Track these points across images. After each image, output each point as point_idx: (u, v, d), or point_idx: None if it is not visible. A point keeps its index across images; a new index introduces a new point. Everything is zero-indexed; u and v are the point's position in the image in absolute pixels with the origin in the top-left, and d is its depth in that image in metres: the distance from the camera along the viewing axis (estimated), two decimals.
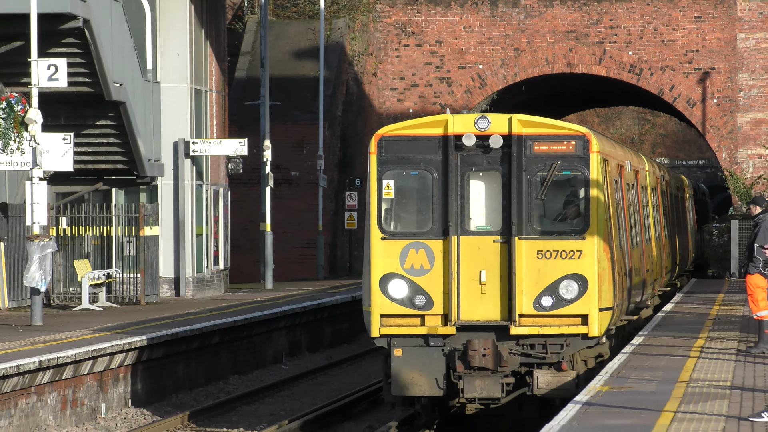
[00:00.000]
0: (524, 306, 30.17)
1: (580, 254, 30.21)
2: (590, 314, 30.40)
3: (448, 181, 29.43)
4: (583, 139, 30.36)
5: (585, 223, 30.33)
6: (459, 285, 30.09)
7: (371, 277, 30.30)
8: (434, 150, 29.81)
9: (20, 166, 61.55)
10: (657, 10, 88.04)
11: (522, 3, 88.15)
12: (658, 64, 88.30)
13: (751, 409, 27.62)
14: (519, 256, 30.03)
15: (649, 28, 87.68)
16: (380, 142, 30.81)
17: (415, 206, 30.58)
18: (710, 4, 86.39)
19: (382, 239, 30.31)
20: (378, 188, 30.18)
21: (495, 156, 29.48)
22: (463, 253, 29.88)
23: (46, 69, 61.80)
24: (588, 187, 29.70)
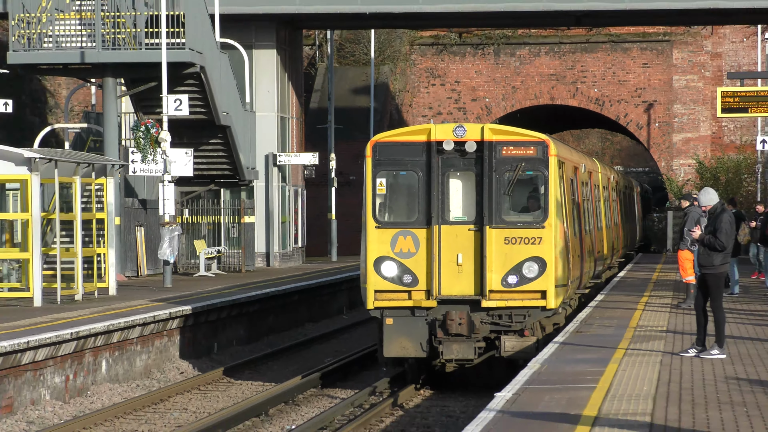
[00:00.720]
0: (493, 283, 30.42)
1: (540, 240, 30.45)
2: (548, 290, 30.87)
3: (430, 179, 29.63)
4: (543, 145, 30.77)
5: (544, 214, 30.48)
6: (440, 266, 30.38)
7: (367, 259, 30.81)
8: (419, 153, 30.00)
9: (155, 172, 62.66)
10: (615, 59, 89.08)
11: (517, 54, 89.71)
12: (615, 98, 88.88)
13: (681, 346, 32.97)
14: (489, 242, 30.29)
15: (609, 72, 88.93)
16: (374, 147, 30.92)
17: (404, 200, 30.84)
18: (654, 54, 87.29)
19: (376, 228, 30.63)
20: (372, 186, 30.35)
21: (470, 159, 29.67)
22: (443, 239, 30.16)
23: (173, 102, 62.98)
24: (547, 185, 29.76)
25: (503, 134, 30.80)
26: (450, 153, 29.86)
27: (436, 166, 30.07)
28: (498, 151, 29.93)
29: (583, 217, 44.96)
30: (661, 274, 66.95)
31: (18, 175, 45.95)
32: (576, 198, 40.96)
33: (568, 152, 40.96)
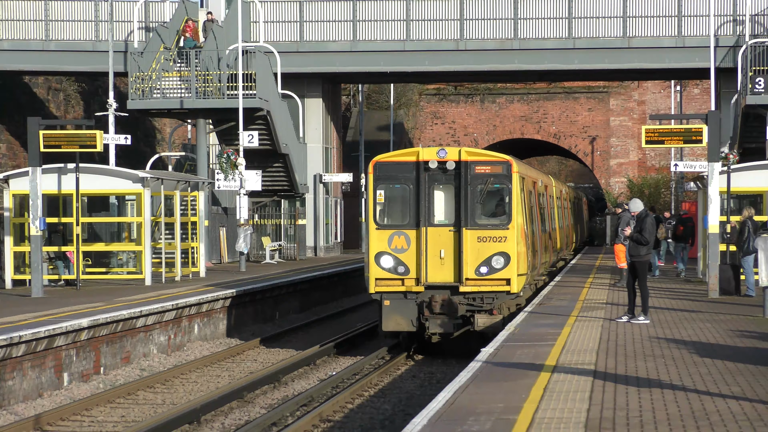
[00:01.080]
0: (469, 273, 30.47)
1: (505, 239, 30.45)
2: (512, 278, 30.94)
3: (419, 191, 29.85)
4: (507, 164, 30.92)
5: (508, 218, 30.58)
6: (426, 259, 30.38)
7: (369, 254, 31.08)
8: (410, 171, 30.07)
9: (233, 188, 63.10)
10: (568, 105, 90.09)
11: (497, 101, 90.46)
12: (568, 133, 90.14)
13: (616, 314, 33.43)
14: (465, 241, 30.43)
15: (564, 114, 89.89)
16: (375, 166, 31.09)
17: (398, 208, 30.93)
18: (596, 101, 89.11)
19: (376, 229, 30.70)
20: (374, 196, 30.50)
21: (450, 174, 29.86)
22: (429, 238, 30.19)
23: (247, 137, 63.53)
24: (510, 195, 30.06)
25: (476, 155, 31.58)
26: (434, 170, 30.17)
27: (423, 180, 30.27)
28: (472, 168, 30.45)
29: (540, 220, 44.67)
30: (601, 262, 66.99)
31: (134, 189, 46.47)
32: (534, 205, 40.70)
33: (528, 170, 41.13)
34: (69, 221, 44.57)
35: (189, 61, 62.05)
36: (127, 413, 26.80)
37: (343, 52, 62.26)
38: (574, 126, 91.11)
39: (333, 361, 35.72)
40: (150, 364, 36.24)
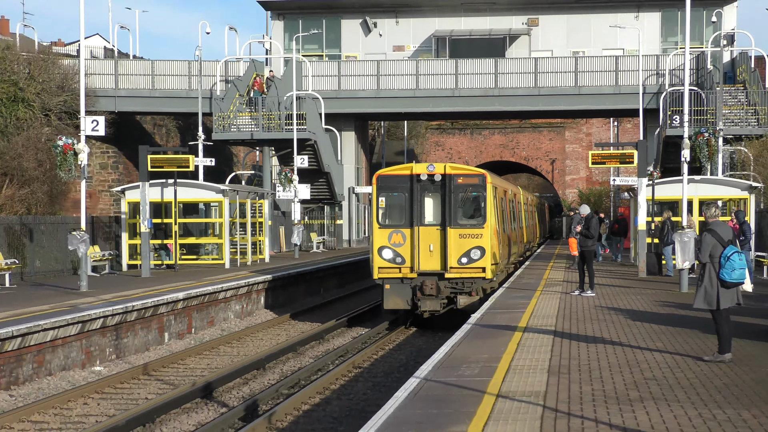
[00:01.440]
0: (452, 262, 29.01)
1: (481, 236, 29.03)
2: (486, 267, 29.25)
3: (412, 198, 28.66)
4: (482, 176, 30.00)
5: (483, 219, 29.31)
6: (419, 252, 29.09)
7: (373, 248, 29.62)
8: (405, 182, 28.89)
9: (289, 197, 60.39)
10: (534, 136, 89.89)
11: (482, 133, 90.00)
12: (535, 157, 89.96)
13: (570, 290, 32.65)
14: (449, 237, 29.11)
15: (531, 143, 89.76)
16: (377, 178, 29.93)
17: (396, 211, 29.47)
18: (555, 133, 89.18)
19: (379, 228, 29.33)
20: (376, 202, 29.28)
21: (437, 185, 28.77)
22: (420, 235, 28.92)
23: (299, 159, 60.63)
24: (485, 201, 29.10)
25: (458, 170, 30.48)
26: (425, 182, 29.06)
27: (416, 189, 29.02)
28: (454, 180, 29.44)
29: (511, 220, 42.44)
30: (559, 251, 65.58)
31: (217, 198, 46.99)
32: (506, 208, 38.79)
33: (500, 181, 39.21)
34: (169, 221, 45.53)
35: (257, 106, 62.48)
36: (211, 362, 27.63)
37: (369, 98, 62.67)
38: (539, 151, 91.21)
39: (359, 326, 35.03)
40: (228, 326, 35.61)
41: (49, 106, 59.57)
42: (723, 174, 45.94)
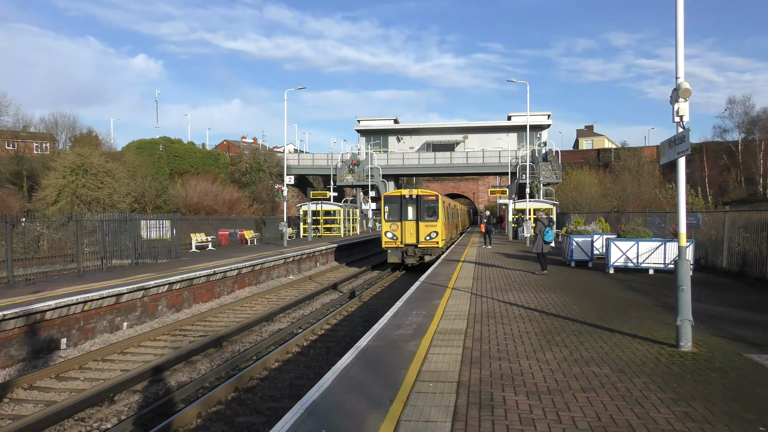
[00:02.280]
0: (422, 239, 28.59)
1: (436, 225, 28.67)
2: (439, 242, 28.84)
3: (401, 206, 28.70)
4: (437, 196, 29.23)
5: (437, 218, 28.77)
6: (405, 233, 28.76)
7: (382, 231, 29.00)
8: (399, 199, 28.96)
9: (366, 208, 66.40)
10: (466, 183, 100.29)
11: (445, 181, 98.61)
12: (466, 190, 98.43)
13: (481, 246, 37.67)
14: (420, 226, 28.66)
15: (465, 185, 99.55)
16: (384, 197, 29.59)
17: (394, 213, 29.00)
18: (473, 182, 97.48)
19: (385, 221, 29.02)
20: (383, 208, 29.25)
21: (414, 200, 28.78)
22: (406, 225, 28.64)
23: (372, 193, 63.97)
24: (437, 208, 28.86)
25: (424, 192, 29.42)
26: (408, 198, 28.85)
27: (404, 202, 28.84)
28: (422, 197, 29.09)
29: (452, 217, 39.06)
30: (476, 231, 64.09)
31: (337, 208, 50.82)
32: (449, 212, 35.96)
33: (447, 198, 36.52)
34: (317, 218, 48.78)
35: (354, 171, 66.41)
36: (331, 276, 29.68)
37: (399, 168, 67.79)
38: (468, 189, 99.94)
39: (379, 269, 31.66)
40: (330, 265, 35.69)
41: (271, 172, 67.61)
42: (542, 198, 49.43)
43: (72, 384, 11.22)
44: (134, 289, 16.40)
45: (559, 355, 8.60)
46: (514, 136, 70.78)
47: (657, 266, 19.10)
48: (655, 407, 6.39)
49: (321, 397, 6.73)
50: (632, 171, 62.98)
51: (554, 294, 14.72)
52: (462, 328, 10.49)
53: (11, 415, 9.61)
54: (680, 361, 8.27)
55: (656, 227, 25.00)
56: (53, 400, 10.32)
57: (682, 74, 8.74)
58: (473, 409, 6.27)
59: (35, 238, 25.08)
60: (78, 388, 10.97)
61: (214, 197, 53.36)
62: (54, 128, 64.01)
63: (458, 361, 8.19)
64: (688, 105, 8.74)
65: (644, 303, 13.18)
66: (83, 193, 40.95)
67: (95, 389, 10.25)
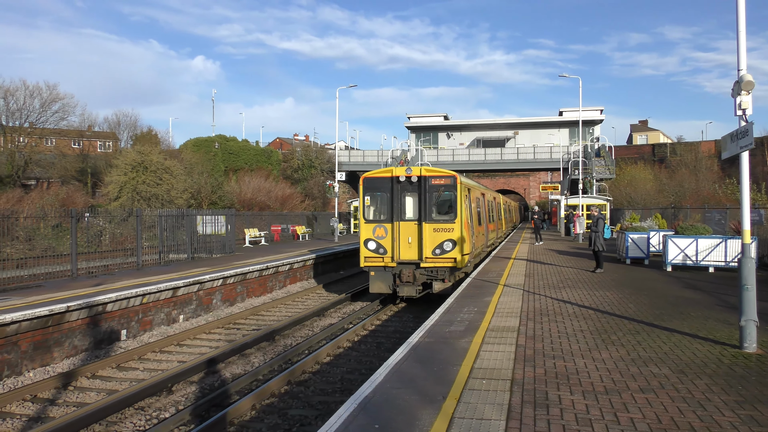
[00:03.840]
0: (427, 253, 19.95)
1: (452, 230, 20.14)
2: (457, 257, 20.10)
3: (392, 197, 20.25)
4: (454, 177, 20.74)
5: (454, 215, 20.23)
6: (399, 243, 20.31)
7: (360, 240, 20.73)
8: (387, 183, 20.59)
9: None
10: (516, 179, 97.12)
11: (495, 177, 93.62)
12: (516, 186, 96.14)
13: (532, 242, 37.37)
14: (425, 231, 20.01)
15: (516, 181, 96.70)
16: (364, 180, 21.32)
17: (379, 208, 20.80)
18: (524, 178, 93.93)
19: (365, 223, 20.79)
20: (362, 201, 21.20)
21: (415, 185, 20.30)
22: (401, 229, 20.18)
23: None
24: (455, 200, 20.39)
25: (432, 172, 20.91)
26: (404, 183, 20.50)
27: (397, 189, 20.46)
28: (429, 181, 20.51)
29: (488, 215, 29.58)
30: (527, 227, 63.82)
31: None
32: (482, 207, 26.89)
33: (475, 185, 26.50)
34: None
35: None
36: None
37: (449, 164, 65.32)
38: (518, 184, 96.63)
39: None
40: None
41: (322, 168, 67.36)
42: (595, 193, 48.26)
43: (132, 374, 11.61)
44: (190, 283, 16.73)
45: (615, 354, 8.36)
46: (565, 132, 69.66)
47: (717, 264, 18.47)
48: (719, 410, 6.11)
49: (373, 392, 6.68)
50: (689, 166, 61.45)
51: (609, 292, 14.41)
52: (515, 326, 10.33)
53: (76, 403, 9.98)
54: (744, 363, 7.88)
55: (716, 224, 24.23)
56: (114, 389, 10.69)
57: (744, 66, 8.36)
58: (528, 408, 6.12)
59: (98, 232, 25.60)
60: (137, 378, 11.33)
61: (267, 193, 54.10)
62: (117, 127, 66.31)
63: (511, 359, 8.04)
64: (750, 98, 8.32)
65: (705, 302, 12.77)
66: (143, 189, 42.04)
67: (154, 379, 10.53)
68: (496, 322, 10.70)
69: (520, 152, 66.31)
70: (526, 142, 69.00)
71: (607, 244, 24.53)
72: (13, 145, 51.77)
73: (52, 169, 53.44)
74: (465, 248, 18.98)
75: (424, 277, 18.75)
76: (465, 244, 18.94)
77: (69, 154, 58.11)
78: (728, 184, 48.35)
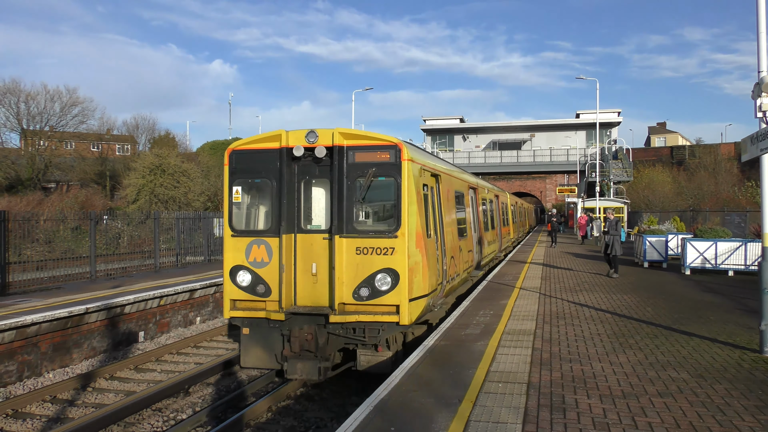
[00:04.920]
0: (345, 296, 9.99)
1: (393, 251, 9.95)
2: (401, 305, 9.86)
3: (282, 186, 10.50)
4: (396, 149, 10.22)
5: (397, 223, 10.00)
6: (295, 275, 10.46)
7: (225, 267, 10.75)
8: (274, 161, 10.61)
9: None
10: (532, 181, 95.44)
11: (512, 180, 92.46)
12: (533, 188, 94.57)
13: (549, 245, 36.39)
14: (340, 252, 10.01)
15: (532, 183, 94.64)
16: (231, 156, 10.90)
17: (257, 209, 10.92)
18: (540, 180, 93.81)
19: (232, 236, 10.76)
20: (229, 194, 10.86)
21: (325, 165, 10.51)
22: (299, 248, 10.47)
23: None
24: (400, 192, 10.09)
25: (354, 138, 10.35)
26: (305, 160, 10.64)
27: (292, 173, 10.69)
28: (351, 156, 10.36)
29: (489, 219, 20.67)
30: (542, 229, 62.53)
31: None
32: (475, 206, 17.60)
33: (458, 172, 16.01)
34: None
35: None
36: None
37: (466, 165, 62.96)
38: (535, 187, 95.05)
39: None
40: None
41: None
42: (613, 197, 47.97)
43: (150, 375, 11.63)
44: (207, 285, 16.79)
45: (633, 358, 8.26)
46: (582, 134, 69.02)
47: (737, 267, 18.33)
48: (739, 415, 6.01)
49: (389, 395, 6.60)
50: (708, 168, 60.79)
51: (627, 295, 14.26)
52: (531, 329, 10.20)
53: (94, 404, 10.07)
54: (765, 368, 7.74)
55: (735, 227, 24.09)
56: (132, 390, 10.74)
57: (765, 68, 8.25)
58: (544, 412, 6.05)
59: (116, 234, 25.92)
60: (155, 380, 11.36)
61: None
62: (135, 131, 66.72)
63: (528, 362, 7.94)
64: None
65: (724, 306, 12.61)
66: (161, 192, 42.32)
67: (171, 381, 10.54)
68: (512, 325, 10.58)
69: (536, 155, 66.01)
70: (543, 145, 68.89)
71: (624, 248, 24.46)
72: (33, 148, 52.50)
73: (72, 172, 54.20)
74: (418, 287, 10.00)
75: (340, 341, 10.04)
76: (418, 278, 10.05)
77: (88, 158, 58.96)
78: (748, 187, 48.07)
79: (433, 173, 11.44)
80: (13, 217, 15.63)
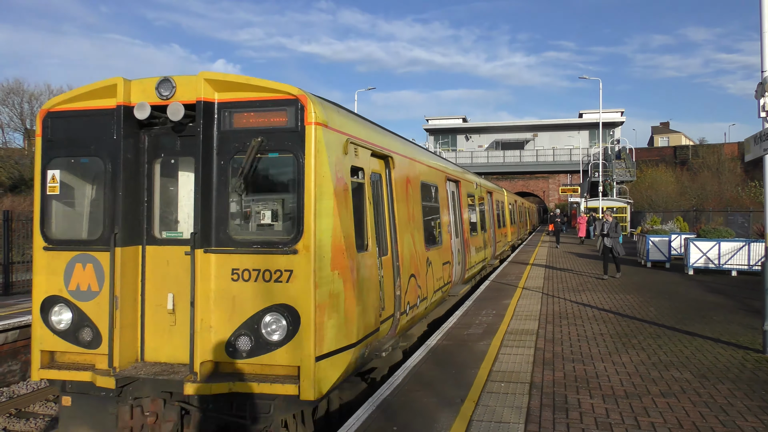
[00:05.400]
0: (213, 349, 4.75)
1: (290, 275, 4.62)
2: (303, 366, 4.69)
3: (117, 170, 4.91)
4: (297, 106, 4.64)
5: (297, 229, 4.64)
6: (143, 313, 5.16)
7: (32, 299, 5.20)
8: (108, 125, 4.90)
9: None
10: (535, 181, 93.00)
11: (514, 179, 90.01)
12: (536, 188, 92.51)
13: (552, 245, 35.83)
14: (205, 277, 4.78)
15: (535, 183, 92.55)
16: (46, 120, 5.25)
17: (86, 206, 5.12)
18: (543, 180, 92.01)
19: (46, 249, 5.18)
20: (42, 181, 5.12)
21: (191, 136, 4.75)
22: (149, 269, 5.08)
23: None
24: (302, 176, 4.70)
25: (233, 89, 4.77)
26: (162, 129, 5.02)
27: (138, 148, 5.09)
28: (225, 119, 4.78)
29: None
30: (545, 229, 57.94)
31: None
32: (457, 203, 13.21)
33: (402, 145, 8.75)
34: None
35: None
36: None
37: (468, 165, 61.72)
38: (538, 187, 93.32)
39: None
40: None
41: None
42: (615, 196, 48.11)
43: None
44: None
45: (636, 358, 8.24)
46: (585, 134, 69.20)
47: (740, 267, 18.21)
48: (742, 415, 5.98)
49: (392, 394, 6.54)
50: (712, 168, 60.60)
51: (630, 295, 14.21)
52: (533, 329, 10.19)
53: None
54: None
55: (738, 227, 23.94)
56: None
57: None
58: (547, 411, 6.02)
59: None
60: None
61: None
62: None
63: (530, 362, 7.93)
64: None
65: (727, 306, 12.55)
66: None
67: None
68: (515, 325, 10.59)
69: (539, 154, 66.17)
70: (546, 144, 69.11)
71: (626, 248, 24.67)
72: None
73: None
74: (336, 333, 5.69)
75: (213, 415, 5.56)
76: (340, 315, 5.77)
77: None
78: (751, 187, 47.87)
79: (377, 153, 7.09)
80: (16, 216, 15.41)
